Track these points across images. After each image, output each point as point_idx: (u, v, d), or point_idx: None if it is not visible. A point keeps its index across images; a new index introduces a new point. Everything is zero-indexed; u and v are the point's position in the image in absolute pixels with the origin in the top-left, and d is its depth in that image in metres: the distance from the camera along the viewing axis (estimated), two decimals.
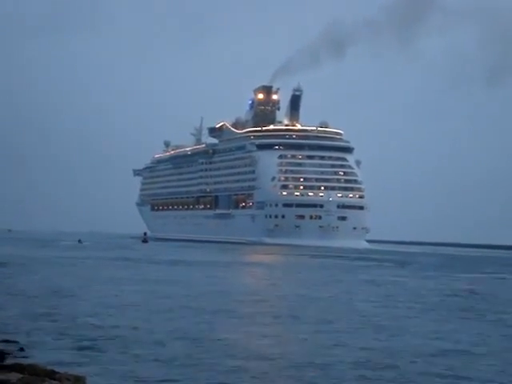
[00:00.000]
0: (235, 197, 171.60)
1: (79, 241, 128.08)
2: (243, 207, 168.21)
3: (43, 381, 11.08)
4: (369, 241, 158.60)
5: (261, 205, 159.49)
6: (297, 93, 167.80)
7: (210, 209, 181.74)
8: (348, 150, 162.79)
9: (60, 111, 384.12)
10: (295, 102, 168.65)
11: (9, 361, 15.02)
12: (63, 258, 68.75)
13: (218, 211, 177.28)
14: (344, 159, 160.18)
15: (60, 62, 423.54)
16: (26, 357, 16.94)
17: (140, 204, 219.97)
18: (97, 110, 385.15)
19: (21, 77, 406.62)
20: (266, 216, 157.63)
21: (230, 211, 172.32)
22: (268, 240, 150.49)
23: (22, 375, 11.46)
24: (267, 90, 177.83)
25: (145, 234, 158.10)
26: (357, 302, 35.36)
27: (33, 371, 12.23)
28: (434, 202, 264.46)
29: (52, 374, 12.22)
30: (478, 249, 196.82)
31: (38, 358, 17.01)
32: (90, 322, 24.46)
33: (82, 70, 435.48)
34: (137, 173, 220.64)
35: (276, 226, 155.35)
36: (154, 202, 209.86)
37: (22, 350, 18.12)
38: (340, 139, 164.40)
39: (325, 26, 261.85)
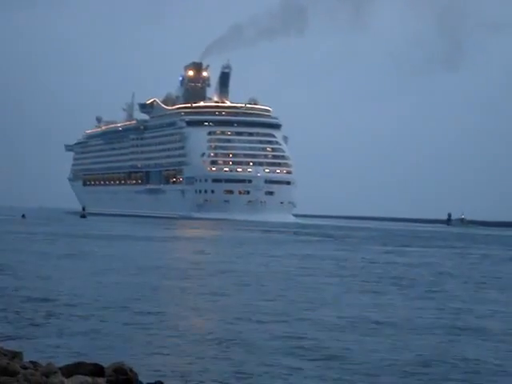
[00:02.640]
0: (166, 172, 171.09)
1: (23, 216, 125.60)
2: (174, 182, 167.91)
3: None
4: (296, 215, 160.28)
5: (190, 180, 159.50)
6: (226, 70, 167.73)
7: (141, 184, 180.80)
8: (276, 126, 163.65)
9: None
10: (224, 79, 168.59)
11: None
12: (5, 233, 67.25)
13: (149, 186, 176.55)
14: (272, 135, 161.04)
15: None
16: None
17: (72, 179, 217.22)
18: (31, 83, 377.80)
19: None
20: (195, 191, 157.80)
21: (161, 186, 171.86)
22: (198, 215, 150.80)
23: None
24: (197, 67, 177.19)
25: (83, 208, 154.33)
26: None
27: None
28: (360, 176, 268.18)
29: None
30: (399, 222, 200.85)
31: None
32: (23, 296, 24.14)
33: (23, 42, 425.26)
34: (69, 148, 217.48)
35: (205, 200, 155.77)
36: (86, 178, 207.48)
37: None
38: (268, 116, 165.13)
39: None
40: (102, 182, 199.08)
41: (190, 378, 13.92)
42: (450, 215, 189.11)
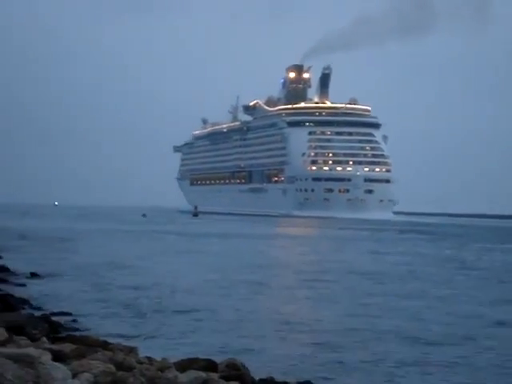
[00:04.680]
0: (268, 172, 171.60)
1: (143, 215, 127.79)
2: (275, 182, 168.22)
3: (96, 351, 11.16)
4: (396, 212, 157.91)
5: (291, 179, 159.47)
6: (326, 71, 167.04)
7: (244, 183, 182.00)
8: (375, 125, 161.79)
9: (104, 91, 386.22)
10: (325, 80, 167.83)
11: (63, 332, 14.91)
12: (129, 232, 68.40)
13: (251, 185, 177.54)
14: (371, 135, 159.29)
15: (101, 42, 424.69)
16: (79, 328, 16.80)
17: (180, 179, 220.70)
18: (145, 87, 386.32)
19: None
20: (296, 190, 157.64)
21: (263, 185, 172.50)
22: (298, 213, 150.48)
23: (75, 346, 11.59)
24: (299, 69, 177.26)
25: (195, 208, 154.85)
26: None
27: (86, 342, 12.10)
28: (461, 173, 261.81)
29: (105, 345, 12.05)
30: (506, 220, 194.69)
31: (91, 329, 16.87)
32: (142, 293, 24.11)
33: (122, 49, 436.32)
34: (177, 149, 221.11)
35: (306, 199, 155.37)
36: (192, 177, 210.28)
37: (75, 321, 17.94)
38: (368, 115, 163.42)
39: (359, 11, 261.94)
40: (208, 182, 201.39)
41: (300, 374, 13.49)
42: None
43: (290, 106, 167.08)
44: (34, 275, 28.52)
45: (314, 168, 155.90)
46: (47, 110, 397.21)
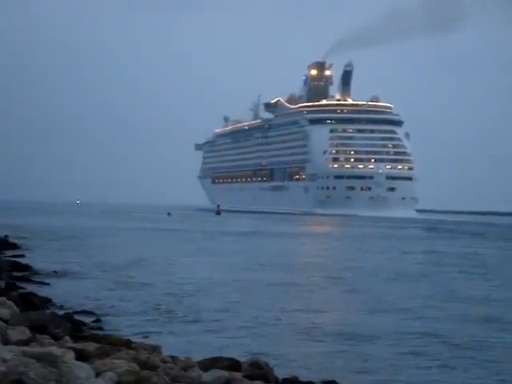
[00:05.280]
0: (289, 170, 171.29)
1: (168, 213, 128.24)
2: (297, 179, 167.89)
3: (120, 350, 11.12)
4: (418, 210, 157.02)
5: (313, 177, 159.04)
6: (348, 68, 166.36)
7: (265, 181, 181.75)
8: (397, 123, 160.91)
9: (128, 90, 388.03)
10: (346, 78, 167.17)
11: (86, 331, 14.95)
12: (154, 230, 68.51)
13: (273, 183, 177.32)
14: (393, 132, 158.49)
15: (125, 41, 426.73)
16: (102, 327, 16.80)
17: (202, 177, 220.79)
18: (167, 85, 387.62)
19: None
20: (317, 188, 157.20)
21: (285, 183, 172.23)
22: (320, 211, 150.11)
23: (99, 345, 11.57)
24: (320, 66, 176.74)
25: (218, 206, 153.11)
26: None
27: (109, 341, 12.06)
28: (484, 171, 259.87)
29: (128, 344, 12.03)
30: None
31: (114, 328, 16.85)
32: (165, 292, 24.06)
33: (141, 47, 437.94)
34: (198, 147, 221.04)
35: (327, 197, 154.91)
36: (214, 175, 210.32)
37: (98, 320, 17.92)
38: (390, 113, 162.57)
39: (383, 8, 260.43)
40: (229, 180, 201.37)
41: (324, 372, 13.36)
42: None
43: (311, 104, 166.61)
44: (57, 274, 28.62)
45: (335, 166, 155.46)
46: (71, 108, 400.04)
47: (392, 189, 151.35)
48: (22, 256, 34.39)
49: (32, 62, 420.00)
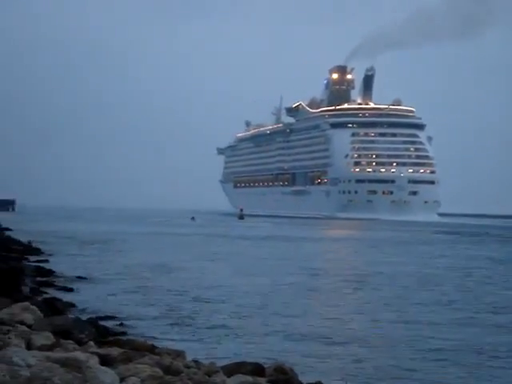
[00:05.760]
0: (311, 174, 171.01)
1: (192, 218, 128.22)
2: (318, 184, 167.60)
3: (143, 355, 11.09)
4: (441, 214, 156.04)
5: (335, 181, 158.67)
6: (369, 73, 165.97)
7: (287, 185, 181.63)
8: (419, 126, 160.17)
9: (152, 93, 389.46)
10: (368, 82, 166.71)
11: (109, 336, 14.80)
12: (178, 235, 68.56)
13: (294, 188, 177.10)
14: (415, 136, 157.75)
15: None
16: (126, 332, 16.73)
17: (223, 181, 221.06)
18: (190, 89, 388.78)
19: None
20: (339, 192, 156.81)
21: (306, 187, 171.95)
22: (342, 215, 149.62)
23: (122, 350, 11.54)
24: (342, 70, 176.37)
25: (241, 210, 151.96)
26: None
27: (133, 346, 12.05)
28: (507, 174, 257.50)
29: (152, 349, 12.01)
30: None
31: (138, 333, 16.81)
32: (189, 297, 24.03)
33: (166, 53, 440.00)
34: (220, 151, 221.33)
35: (349, 201, 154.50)
36: (236, 180, 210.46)
37: (121, 325, 17.90)
38: (412, 116, 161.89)
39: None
40: (251, 184, 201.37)
41: (350, 378, 13.25)
42: None
43: (332, 108, 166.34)
44: (80, 279, 28.69)
45: (357, 170, 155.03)
46: (94, 112, 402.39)
47: (414, 192, 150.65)
48: (46, 261, 34.51)
49: (33, 62, 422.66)
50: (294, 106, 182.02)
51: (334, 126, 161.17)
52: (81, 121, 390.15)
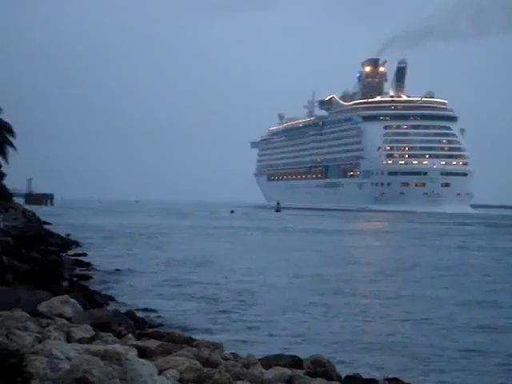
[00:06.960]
0: (344, 166, 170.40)
1: (232, 211, 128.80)
2: (351, 176, 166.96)
3: (181, 348, 11.01)
4: (474, 206, 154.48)
5: (367, 173, 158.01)
6: (402, 65, 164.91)
7: (320, 178, 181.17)
8: (452, 118, 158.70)
9: (185, 90, 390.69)
10: (400, 74, 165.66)
11: (148, 328, 14.81)
12: (218, 228, 68.85)
13: (328, 180, 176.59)
14: (448, 128, 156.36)
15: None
16: (164, 324, 16.66)
17: (257, 174, 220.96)
18: (223, 84, 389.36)
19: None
20: (372, 184, 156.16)
21: (339, 180, 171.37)
22: (374, 207, 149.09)
23: (160, 342, 11.48)
24: (374, 63, 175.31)
25: (278, 203, 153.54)
26: None
27: (171, 338, 11.96)
28: None
29: (190, 342, 11.89)
30: None
31: (176, 325, 16.73)
32: (226, 290, 23.82)
33: (204, 47, 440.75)
34: (254, 145, 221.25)
35: (382, 193, 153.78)
36: (269, 173, 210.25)
37: (160, 317, 17.81)
38: (444, 108, 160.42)
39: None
40: (285, 177, 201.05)
41: (387, 371, 13.05)
42: None
43: (365, 101, 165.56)
44: (119, 271, 28.78)
45: (389, 162, 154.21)
46: (130, 109, 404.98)
47: (447, 184, 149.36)
48: (85, 255, 34.67)
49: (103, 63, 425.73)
50: (326, 99, 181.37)
51: (367, 118, 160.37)
52: (119, 119, 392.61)
